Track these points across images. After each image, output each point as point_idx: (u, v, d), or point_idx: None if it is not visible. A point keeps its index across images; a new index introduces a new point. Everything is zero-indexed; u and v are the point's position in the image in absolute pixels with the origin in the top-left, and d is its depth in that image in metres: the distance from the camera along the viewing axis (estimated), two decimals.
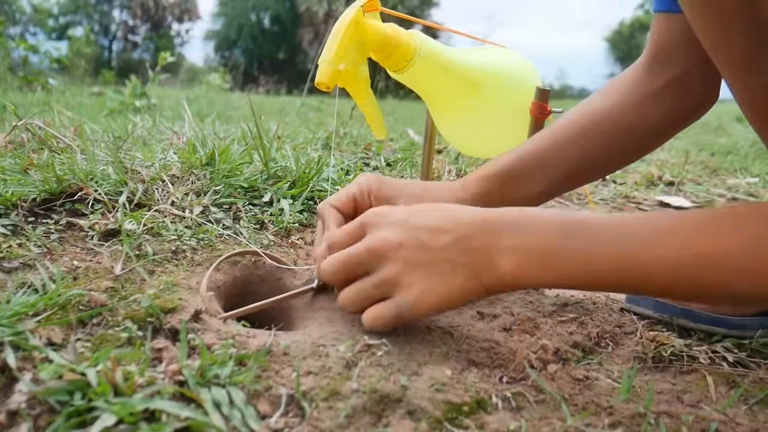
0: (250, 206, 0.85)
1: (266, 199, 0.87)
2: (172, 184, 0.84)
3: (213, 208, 0.80)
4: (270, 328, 0.52)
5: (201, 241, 0.71)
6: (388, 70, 0.72)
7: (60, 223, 0.70)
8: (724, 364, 0.57)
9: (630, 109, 0.73)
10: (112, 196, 0.77)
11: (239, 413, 0.39)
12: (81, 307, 0.51)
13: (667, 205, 1.36)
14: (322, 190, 0.93)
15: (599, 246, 0.47)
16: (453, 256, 0.49)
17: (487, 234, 0.49)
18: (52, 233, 0.67)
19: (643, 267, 0.46)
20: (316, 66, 0.65)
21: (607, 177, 1.58)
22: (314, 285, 0.62)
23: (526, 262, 0.48)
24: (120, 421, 0.36)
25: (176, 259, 0.66)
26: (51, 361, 0.42)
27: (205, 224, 0.75)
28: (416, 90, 0.75)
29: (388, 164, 1.34)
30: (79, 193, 0.75)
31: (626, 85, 0.75)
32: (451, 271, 0.49)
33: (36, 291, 0.53)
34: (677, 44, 0.71)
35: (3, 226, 0.66)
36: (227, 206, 0.83)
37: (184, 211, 0.77)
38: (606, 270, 0.47)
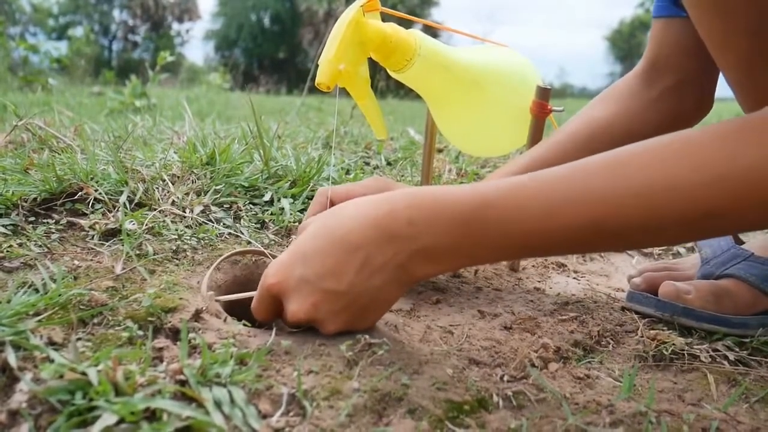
0: (251, 205, 0.85)
1: (267, 198, 0.87)
2: (173, 184, 0.84)
3: (213, 208, 0.80)
4: (271, 327, 0.52)
5: (201, 241, 0.71)
6: (388, 70, 0.72)
7: (60, 222, 0.70)
8: (725, 362, 0.57)
9: (629, 118, 0.74)
10: (112, 195, 0.77)
11: (240, 412, 0.39)
12: (82, 307, 0.51)
13: None
14: None
15: (504, 227, 0.45)
16: (367, 283, 0.48)
17: (384, 244, 0.47)
18: (53, 233, 0.67)
19: (550, 235, 0.44)
20: (317, 66, 0.65)
21: None
22: None
23: (438, 260, 0.48)
24: (121, 421, 0.36)
25: (177, 259, 0.66)
26: (52, 361, 0.41)
27: (205, 223, 0.75)
28: (417, 89, 0.75)
29: (389, 163, 1.34)
30: (80, 193, 0.75)
31: (624, 94, 0.76)
32: (376, 295, 0.49)
33: (37, 291, 0.53)
34: (675, 52, 0.71)
35: (3, 225, 0.66)
36: (228, 205, 0.83)
37: (184, 211, 0.77)
38: (516, 245, 0.47)
